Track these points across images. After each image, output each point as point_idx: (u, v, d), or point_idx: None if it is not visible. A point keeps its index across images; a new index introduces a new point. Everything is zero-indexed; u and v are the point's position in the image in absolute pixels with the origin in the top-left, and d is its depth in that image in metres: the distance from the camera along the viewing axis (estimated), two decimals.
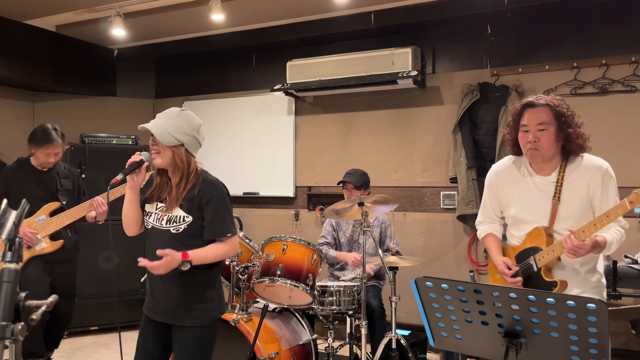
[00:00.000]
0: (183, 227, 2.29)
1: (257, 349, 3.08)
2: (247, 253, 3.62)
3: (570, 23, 4.26)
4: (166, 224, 2.31)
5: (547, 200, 2.35)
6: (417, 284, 1.78)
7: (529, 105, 2.33)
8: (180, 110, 2.37)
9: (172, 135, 2.28)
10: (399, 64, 4.57)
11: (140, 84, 6.15)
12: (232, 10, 4.63)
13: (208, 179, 2.38)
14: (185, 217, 2.29)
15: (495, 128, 4.34)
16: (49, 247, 3.67)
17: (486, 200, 2.61)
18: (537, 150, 2.30)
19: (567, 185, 2.32)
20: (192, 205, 2.30)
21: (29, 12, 4.85)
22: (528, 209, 2.40)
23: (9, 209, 1.51)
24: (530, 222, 2.39)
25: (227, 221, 2.35)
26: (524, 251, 2.40)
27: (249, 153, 5.54)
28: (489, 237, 2.59)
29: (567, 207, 2.31)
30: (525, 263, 2.37)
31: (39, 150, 3.66)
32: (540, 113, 2.29)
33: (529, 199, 2.40)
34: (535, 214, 2.37)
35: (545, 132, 2.28)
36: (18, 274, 1.41)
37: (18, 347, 1.37)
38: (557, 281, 2.27)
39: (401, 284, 3.58)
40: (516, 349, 1.67)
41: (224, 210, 2.34)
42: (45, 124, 3.70)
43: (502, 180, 2.52)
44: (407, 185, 4.86)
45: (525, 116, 2.32)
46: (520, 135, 2.36)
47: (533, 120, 2.30)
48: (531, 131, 2.30)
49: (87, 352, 4.56)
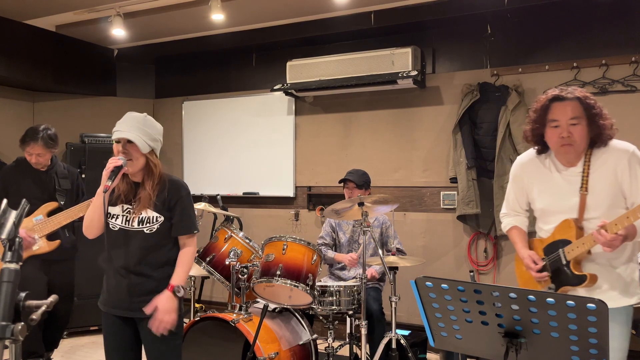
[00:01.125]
0: (156, 227, 2.40)
1: (257, 349, 3.08)
2: (247, 253, 3.62)
3: (570, 23, 4.26)
4: (138, 224, 2.40)
5: (574, 191, 2.28)
6: (417, 284, 1.78)
7: (557, 99, 2.24)
8: (144, 115, 2.46)
9: (146, 143, 2.38)
10: (399, 64, 4.57)
11: (140, 84, 6.15)
12: (232, 10, 4.63)
13: (173, 180, 2.49)
14: (158, 217, 2.40)
15: (495, 128, 4.34)
16: (46, 247, 3.66)
17: (510, 193, 2.55)
18: (571, 146, 2.23)
19: (593, 174, 2.25)
20: (163, 206, 2.41)
21: (29, 12, 4.85)
22: (555, 201, 2.34)
23: (9, 209, 1.51)
24: (558, 214, 2.32)
25: (193, 219, 2.50)
26: (553, 244, 2.33)
27: (249, 153, 5.54)
28: (514, 230, 2.53)
29: (595, 197, 2.24)
30: (554, 256, 2.31)
31: (24, 149, 3.69)
32: (571, 107, 2.21)
33: (555, 191, 2.34)
34: (563, 206, 2.31)
35: (577, 126, 2.21)
36: (18, 274, 1.41)
37: (18, 347, 1.37)
38: (586, 275, 2.21)
39: (401, 284, 3.58)
40: (516, 349, 1.67)
41: (190, 209, 2.48)
42: (40, 124, 3.74)
43: (528, 172, 2.45)
44: (407, 185, 4.86)
45: (554, 110, 2.23)
46: (549, 131, 2.27)
47: (564, 115, 2.21)
48: (563, 126, 2.22)
49: (87, 352, 4.56)
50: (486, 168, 4.41)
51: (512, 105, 4.23)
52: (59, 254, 3.73)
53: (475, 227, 4.50)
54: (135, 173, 2.42)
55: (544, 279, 2.31)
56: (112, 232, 2.42)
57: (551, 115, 2.24)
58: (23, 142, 3.69)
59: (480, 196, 4.35)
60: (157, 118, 6.65)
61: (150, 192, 2.39)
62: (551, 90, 2.30)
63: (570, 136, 2.21)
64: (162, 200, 2.41)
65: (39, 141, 3.65)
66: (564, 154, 2.29)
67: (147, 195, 2.38)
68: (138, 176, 2.43)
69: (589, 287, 2.21)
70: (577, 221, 2.27)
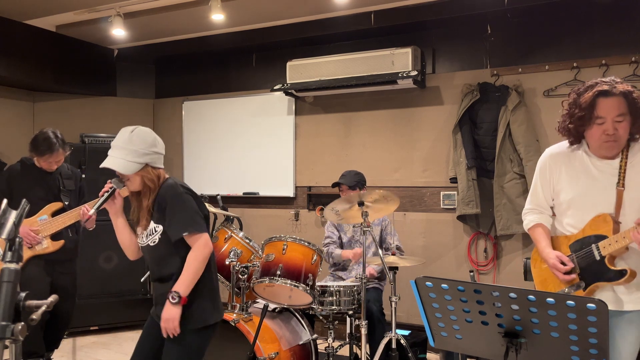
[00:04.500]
0: (157, 237, 2.37)
1: (257, 349, 3.09)
2: (247, 253, 3.62)
3: (570, 23, 4.26)
4: (146, 238, 2.41)
5: (610, 186, 2.21)
6: (417, 284, 1.78)
7: (603, 94, 2.15)
8: (130, 131, 2.36)
9: (134, 163, 2.31)
10: (399, 64, 4.57)
11: (140, 84, 6.15)
12: (232, 10, 4.63)
13: (165, 184, 2.39)
14: (157, 227, 2.37)
15: (495, 128, 4.34)
16: (50, 247, 3.68)
17: (537, 186, 2.44)
18: (616, 142, 2.18)
19: (630, 170, 2.19)
20: (159, 215, 2.36)
21: (29, 12, 4.85)
22: (588, 194, 2.25)
23: (9, 209, 1.51)
24: (591, 209, 2.23)
25: (184, 219, 2.34)
26: (583, 240, 2.25)
27: (249, 153, 5.54)
28: (538, 228, 2.41)
29: (633, 194, 2.18)
30: (585, 252, 2.22)
31: (40, 159, 3.68)
32: (617, 103, 2.14)
33: (590, 184, 2.26)
34: (597, 200, 2.23)
35: (623, 123, 2.15)
36: (18, 274, 1.41)
37: (18, 347, 1.37)
38: (627, 269, 2.13)
39: (401, 284, 3.58)
40: (516, 349, 1.67)
41: (179, 209, 2.34)
42: (46, 130, 3.68)
43: (558, 163, 2.36)
44: (407, 185, 4.86)
45: (601, 107, 2.15)
46: (594, 128, 2.19)
47: (611, 112, 2.14)
48: (609, 123, 2.15)
49: (87, 352, 4.56)
50: (486, 168, 4.41)
51: (512, 105, 4.23)
52: (62, 254, 3.74)
53: (475, 227, 4.50)
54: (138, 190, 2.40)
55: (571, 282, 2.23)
56: (142, 247, 2.49)
57: (597, 112, 2.16)
58: (40, 154, 3.65)
59: (480, 196, 4.35)
60: (157, 118, 6.65)
61: (149, 205, 2.37)
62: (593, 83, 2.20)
63: (615, 133, 2.15)
64: (156, 209, 2.37)
65: (58, 150, 3.66)
66: (606, 150, 2.22)
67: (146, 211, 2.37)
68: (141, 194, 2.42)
69: (628, 282, 2.14)
70: (614, 216, 2.18)
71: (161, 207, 2.35)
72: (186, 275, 2.31)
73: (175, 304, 2.28)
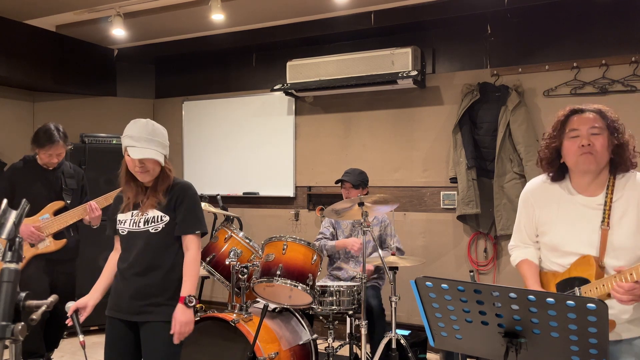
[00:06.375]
0: (161, 226, 2.41)
1: (257, 349, 3.08)
2: (247, 253, 3.62)
3: (570, 23, 4.26)
4: (144, 225, 2.41)
5: (594, 226, 2.07)
6: (417, 284, 1.78)
7: (576, 112, 2.11)
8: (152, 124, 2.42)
9: (161, 153, 2.40)
10: (399, 64, 4.57)
11: (140, 84, 6.15)
12: (232, 10, 4.63)
13: (180, 182, 2.50)
14: (163, 216, 2.41)
15: (495, 128, 4.34)
16: (52, 246, 3.68)
17: (520, 222, 2.33)
18: (592, 155, 2.04)
19: (616, 208, 2.05)
20: (169, 206, 2.41)
21: (29, 12, 4.85)
22: (572, 236, 2.12)
23: (9, 209, 1.51)
24: (576, 249, 2.10)
25: (199, 219, 2.49)
26: (568, 280, 2.11)
27: (249, 153, 5.54)
28: (525, 265, 2.29)
29: (618, 234, 2.03)
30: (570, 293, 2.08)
31: (41, 151, 3.67)
32: (592, 117, 2.08)
33: (573, 224, 2.12)
34: (580, 242, 2.09)
35: (599, 136, 2.05)
36: (18, 274, 1.41)
37: (18, 347, 1.37)
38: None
39: (401, 284, 3.58)
40: (516, 349, 1.67)
41: (196, 208, 2.48)
42: (48, 123, 3.69)
43: (539, 200, 2.24)
44: (407, 185, 4.86)
45: (574, 120, 2.09)
46: (568, 143, 2.10)
47: (585, 124, 2.06)
48: (583, 135, 2.05)
49: (87, 352, 4.55)
50: (486, 168, 4.41)
51: (512, 105, 4.23)
52: (63, 253, 3.75)
53: (475, 227, 4.50)
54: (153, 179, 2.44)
55: None
56: (122, 237, 2.46)
57: (570, 126, 2.10)
58: (40, 146, 3.65)
59: (480, 196, 4.35)
60: (157, 118, 6.66)
61: (162, 194, 2.41)
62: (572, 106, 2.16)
63: (591, 145, 2.04)
64: (168, 200, 2.42)
65: (58, 142, 3.65)
66: (584, 163, 2.07)
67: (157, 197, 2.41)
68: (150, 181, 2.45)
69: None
70: (597, 259, 2.03)
71: (177, 201, 2.42)
72: (193, 278, 2.40)
73: (192, 306, 2.35)
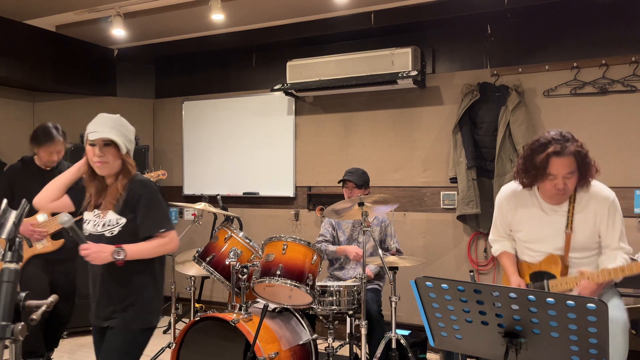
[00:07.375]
0: (117, 229, 2.29)
1: (257, 349, 3.08)
2: (247, 253, 3.62)
3: (570, 23, 4.26)
4: (102, 228, 2.31)
5: (559, 230, 2.53)
6: (417, 284, 1.78)
7: (555, 154, 2.41)
8: (118, 117, 2.38)
9: (125, 146, 2.33)
10: (399, 64, 4.57)
11: (140, 84, 6.15)
12: (232, 10, 4.63)
13: (138, 179, 2.37)
14: (118, 219, 2.29)
15: (495, 128, 4.33)
16: (50, 246, 3.68)
17: (497, 222, 2.80)
18: (565, 195, 2.49)
19: (578, 214, 2.50)
20: (125, 207, 2.29)
21: (29, 12, 4.85)
22: (540, 237, 2.59)
23: (9, 209, 1.51)
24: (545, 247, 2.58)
25: (160, 217, 2.34)
26: (539, 273, 2.59)
27: (249, 153, 5.54)
28: (504, 256, 2.77)
29: (580, 237, 2.51)
30: (539, 285, 2.57)
31: (41, 149, 3.67)
32: (568, 162, 2.41)
33: (542, 226, 2.58)
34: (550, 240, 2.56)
35: (572, 178, 2.44)
36: (18, 274, 1.41)
37: (18, 346, 1.38)
38: None
39: (401, 284, 3.58)
40: (516, 349, 1.68)
41: (156, 207, 2.33)
42: (45, 122, 3.71)
43: (512, 205, 2.69)
44: (407, 185, 4.86)
45: (553, 166, 2.41)
46: (547, 182, 2.47)
47: (562, 170, 2.41)
48: (559, 179, 2.43)
49: (87, 352, 4.56)
50: (486, 168, 4.41)
51: (512, 105, 4.23)
52: (62, 253, 3.74)
53: (475, 227, 4.49)
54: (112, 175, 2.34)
55: None
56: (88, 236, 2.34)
57: (550, 170, 2.43)
58: (39, 144, 3.64)
59: (480, 196, 4.35)
60: (157, 118, 6.66)
61: (121, 191, 2.29)
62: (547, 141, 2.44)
63: (565, 187, 2.44)
64: (124, 201, 2.29)
65: (57, 139, 3.65)
66: (556, 200, 2.53)
67: (115, 195, 2.28)
68: (110, 178, 2.36)
69: None
70: (562, 259, 2.53)
71: (132, 201, 2.29)
72: (141, 245, 2.26)
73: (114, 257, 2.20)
